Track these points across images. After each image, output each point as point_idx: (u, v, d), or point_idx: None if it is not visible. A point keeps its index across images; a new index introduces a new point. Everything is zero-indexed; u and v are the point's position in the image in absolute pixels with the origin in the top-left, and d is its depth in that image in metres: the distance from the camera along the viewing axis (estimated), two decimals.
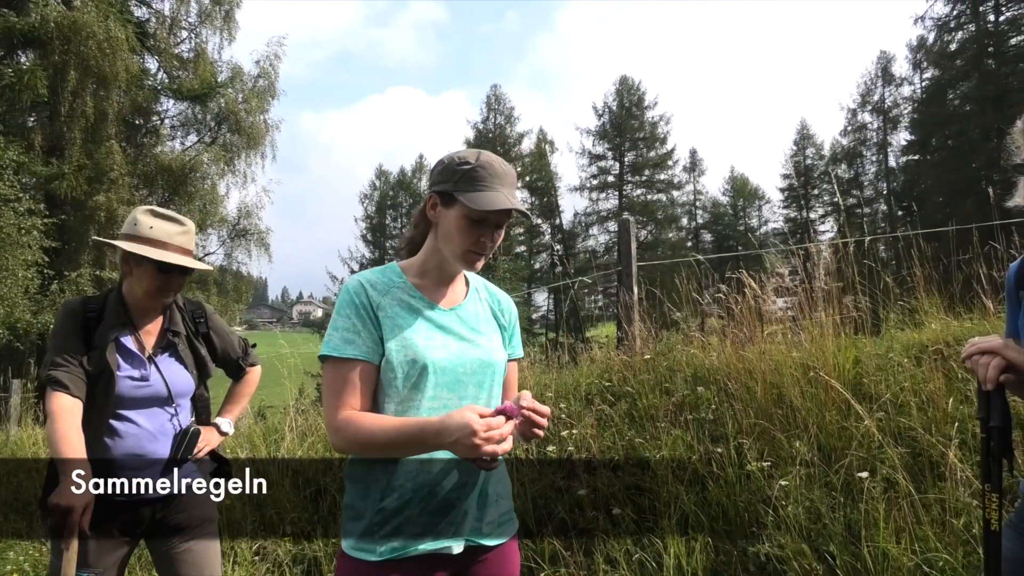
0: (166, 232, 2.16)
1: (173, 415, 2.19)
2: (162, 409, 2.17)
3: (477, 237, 1.48)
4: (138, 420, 2.12)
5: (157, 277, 2.15)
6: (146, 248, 2.11)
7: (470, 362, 1.49)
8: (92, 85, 17.18)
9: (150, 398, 2.14)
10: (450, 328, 1.52)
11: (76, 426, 1.96)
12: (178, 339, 2.24)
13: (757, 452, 3.36)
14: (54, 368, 2.03)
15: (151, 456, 2.11)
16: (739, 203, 55.46)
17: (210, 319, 2.36)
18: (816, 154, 50.19)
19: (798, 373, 3.63)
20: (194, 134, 21.60)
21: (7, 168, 11.79)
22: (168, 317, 2.26)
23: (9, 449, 7.22)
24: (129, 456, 2.08)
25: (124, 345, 2.14)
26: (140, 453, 2.09)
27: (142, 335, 2.19)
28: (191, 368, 2.25)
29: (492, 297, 1.68)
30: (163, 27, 20.47)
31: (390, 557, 1.41)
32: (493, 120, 50.94)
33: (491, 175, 1.48)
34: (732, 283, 4.50)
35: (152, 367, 2.16)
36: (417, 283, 1.54)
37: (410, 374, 1.43)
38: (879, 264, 4.28)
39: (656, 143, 48.56)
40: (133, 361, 2.14)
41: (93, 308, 2.15)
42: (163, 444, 2.15)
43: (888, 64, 43.53)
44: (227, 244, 21.59)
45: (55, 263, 14.99)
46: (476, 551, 1.50)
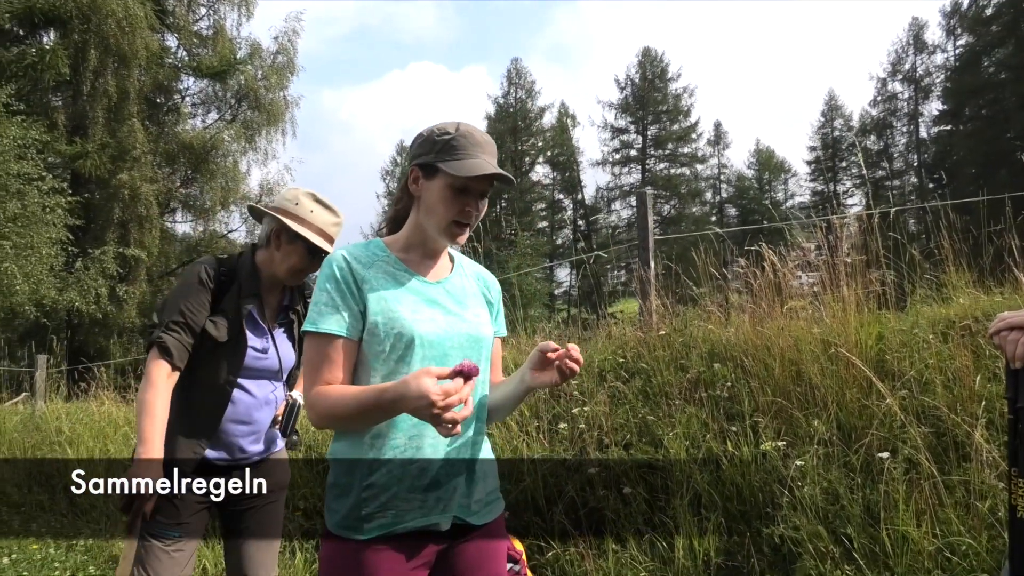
0: (324, 220, 2.20)
1: (276, 388, 2.26)
2: (270, 381, 2.23)
3: (461, 206, 1.44)
4: (251, 389, 2.18)
5: (305, 259, 2.18)
6: (306, 230, 2.15)
7: (458, 336, 1.45)
8: (113, 64, 17.28)
9: (265, 370, 2.21)
10: (437, 301, 1.48)
11: (166, 400, 2.00)
12: (296, 317, 2.31)
13: (774, 431, 3.27)
14: (167, 331, 2.04)
15: (257, 424, 2.19)
16: (764, 176, 54.59)
17: None
18: (844, 125, 49.09)
19: (818, 349, 3.51)
20: (215, 112, 21.71)
21: (30, 147, 11.87)
22: (288, 294, 2.31)
23: (34, 423, 7.36)
24: (238, 420, 2.16)
25: (253, 316, 2.19)
26: (248, 420, 2.17)
27: (266, 309, 2.25)
28: (297, 346, 2.31)
29: (477, 273, 1.64)
30: (182, 4, 20.46)
31: (379, 534, 1.37)
32: (514, 94, 50.48)
33: (472, 144, 1.44)
34: (751, 257, 4.37)
35: (271, 341, 2.22)
36: (402, 257, 1.51)
37: (396, 346, 1.40)
38: (905, 237, 4.11)
39: (679, 116, 47.81)
40: (258, 332, 2.20)
41: (226, 272, 2.19)
42: (267, 413, 2.22)
43: (920, 31, 42.24)
44: (249, 221, 21.71)
45: (80, 241, 15.18)
46: (464, 529, 1.46)
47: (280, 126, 21.32)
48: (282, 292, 2.30)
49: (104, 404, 7.20)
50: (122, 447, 5.82)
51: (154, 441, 1.91)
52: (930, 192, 36.77)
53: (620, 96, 48.79)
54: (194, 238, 21.26)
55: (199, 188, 20.50)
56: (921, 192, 39.33)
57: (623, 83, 48.67)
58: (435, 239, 1.50)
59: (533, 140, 50.38)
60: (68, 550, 4.34)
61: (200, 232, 21.18)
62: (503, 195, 48.62)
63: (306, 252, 2.16)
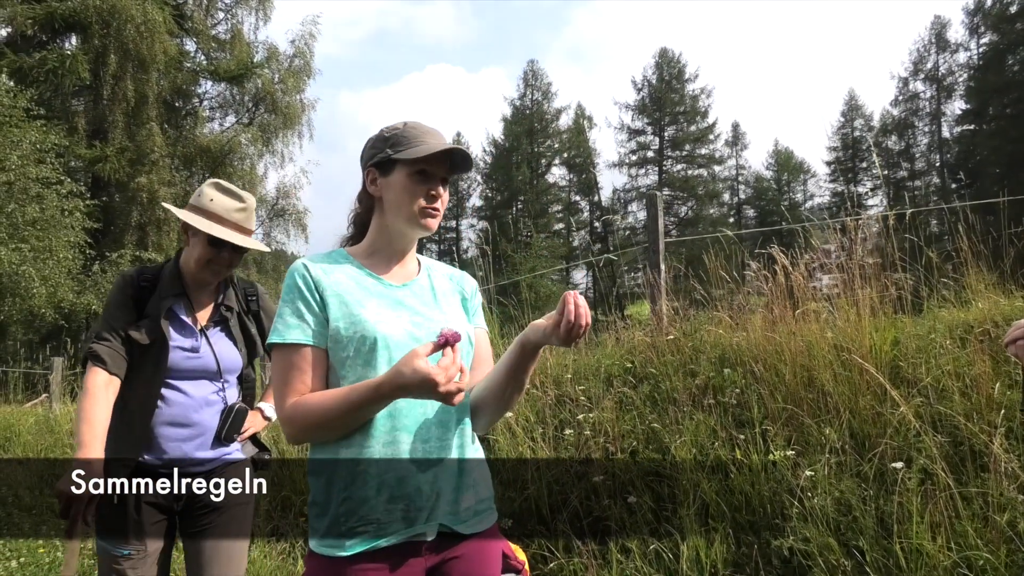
0: (224, 206, 2.17)
1: (220, 390, 2.19)
2: (211, 382, 2.17)
3: (426, 191, 1.44)
4: (187, 389, 2.13)
5: (207, 249, 2.15)
6: (200, 220, 2.12)
7: (427, 336, 1.39)
8: (132, 68, 17.48)
9: (199, 370, 2.15)
10: (403, 302, 1.45)
11: (104, 406, 1.99)
12: (230, 314, 2.25)
13: (784, 439, 3.18)
14: (97, 342, 2.06)
15: (197, 425, 2.12)
16: (783, 177, 54.11)
17: (261, 299, 2.38)
18: (865, 125, 48.56)
19: (831, 355, 3.42)
20: (232, 115, 21.92)
21: (49, 151, 12.02)
22: (223, 291, 2.27)
23: (48, 425, 7.42)
24: (174, 423, 2.10)
25: (177, 315, 2.15)
26: (186, 421, 2.11)
27: (196, 308, 2.20)
28: (240, 345, 2.25)
29: (450, 274, 1.61)
30: (200, 8, 20.68)
31: (362, 550, 1.32)
32: (530, 96, 50.47)
33: (422, 132, 1.46)
34: (764, 260, 4.27)
35: (203, 339, 2.17)
36: (366, 263, 1.49)
37: (360, 350, 1.37)
38: (923, 239, 3.99)
39: (697, 117, 47.53)
40: (185, 332, 2.15)
41: (148, 278, 2.18)
42: (209, 415, 2.15)
43: (943, 29, 41.65)
44: (266, 224, 21.88)
45: (99, 244, 15.37)
46: (452, 538, 1.40)
47: (297, 129, 21.49)
48: (216, 291, 2.26)
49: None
50: None
51: (92, 444, 1.89)
52: (952, 193, 36.23)
53: (637, 97, 48.60)
54: None
55: None
56: (943, 193, 38.75)
57: (640, 84, 48.48)
58: (403, 235, 1.48)
59: (549, 142, 50.33)
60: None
61: None
62: (519, 197, 48.63)
63: (207, 243, 2.13)
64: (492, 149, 50.16)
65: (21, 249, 10.68)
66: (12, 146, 10.94)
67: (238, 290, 2.32)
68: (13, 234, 10.83)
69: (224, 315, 2.23)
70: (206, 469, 2.14)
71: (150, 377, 2.09)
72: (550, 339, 1.34)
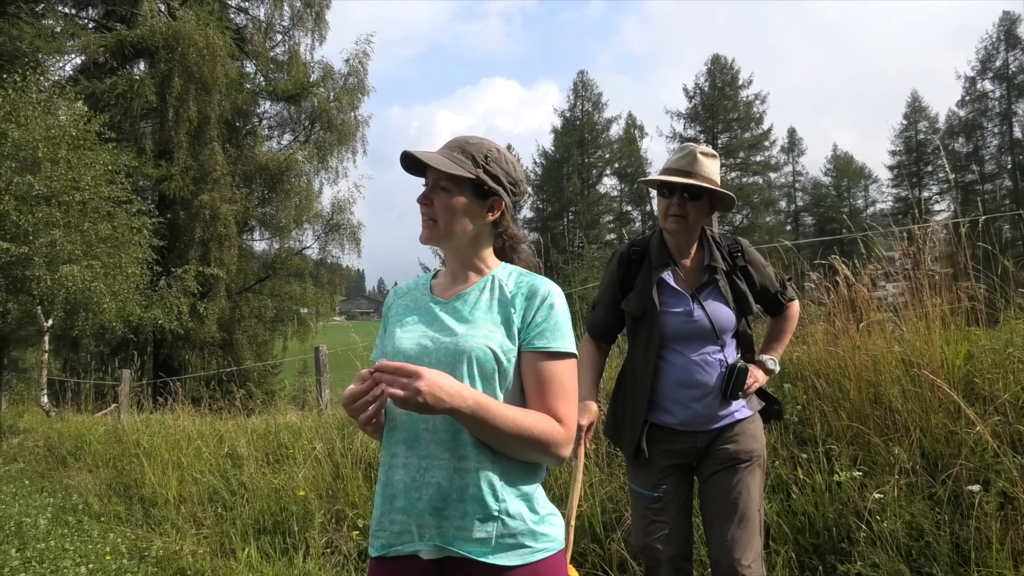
0: (671, 159, 2.32)
1: (719, 350, 2.24)
2: (709, 344, 2.24)
3: (421, 205, 1.49)
4: (687, 352, 2.22)
5: (660, 201, 2.30)
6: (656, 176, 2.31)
7: (437, 351, 1.39)
8: (195, 90, 18.10)
9: (696, 333, 2.23)
10: (437, 317, 1.47)
11: (587, 367, 2.35)
12: (719, 275, 2.28)
13: (849, 458, 3.04)
14: (592, 312, 2.43)
15: (702, 386, 2.21)
16: (843, 183, 52.51)
17: (746, 252, 2.38)
18: (930, 127, 46.80)
19: (899, 370, 3.26)
20: (289, 133, 22.44)
21: (120, 172, 12.55)
22: (707, 253, 2.32)
23: (116, 435, 7.70)
24: (680, 385, 2.22)
25: (667, 283, 2.26)
26: (690, 383, 2.21)
27: (683, 273, 2.29)
28: (731, 303, 2.27)
29: (514, 285, 1.47)
30: (259, 32, 21.32)
31: (380, 554, 1.41)
32: (580, 107, 50.41)
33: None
34: (824, 270, 4.12)
35: (695, 304, 2.24)
36: (435, 282, 1.57)
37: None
38: (996, 246, 3.77)
39: (751, 123, 46.66)
40: (677, 298, 2.25)
41: (636, 251, 2.35)
42: (711, 375, 2.22)
43: (1012, 26, 39.92)
44: (321, 239, 22.32)
45: (165, 260, 15.93)
46: (460, 564, 1.32)
47: (351, 145, 21.86)
48: (700, 253, 2.33)
49: (180, 418, 7.45)
50: (194, 460, 6.00)
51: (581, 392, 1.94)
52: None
53: (689, 105, 48.01)
54: (270, 255, 22.00)
55: (274, 207, 21.17)
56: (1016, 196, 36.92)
57: (692, 92, 47.88)
58: (452, 257, 1.53)
59: (600, 152, 50.09)
60: (140, 561, 4.47)
61: (276, 249, 21.91)
62: (570, 208, 48.47)
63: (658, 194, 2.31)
64: (543, 160, 50.26)
65: (93, 266, 11.15)
66: (86, 168, 11.45)
67: (722, 248, 2.34)
68: (87, 251, 11.32)
69: (713, 277, 2.28)
70: (718, 426, 2.23)
71: (648, 343, 2.24)
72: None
